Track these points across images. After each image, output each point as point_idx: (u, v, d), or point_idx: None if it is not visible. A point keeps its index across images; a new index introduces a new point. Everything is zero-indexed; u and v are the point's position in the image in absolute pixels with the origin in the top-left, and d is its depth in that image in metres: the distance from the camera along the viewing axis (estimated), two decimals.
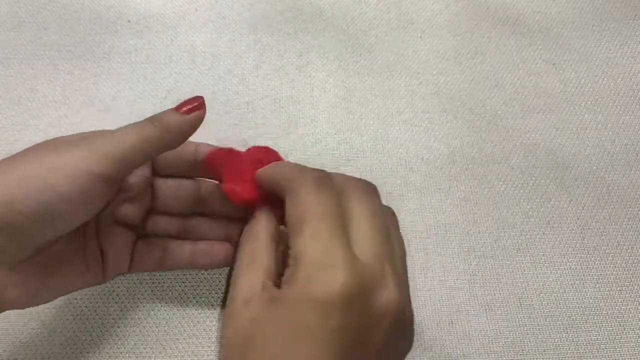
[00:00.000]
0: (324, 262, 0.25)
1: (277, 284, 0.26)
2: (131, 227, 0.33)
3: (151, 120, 0.29)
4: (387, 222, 0.29)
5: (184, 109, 0.30)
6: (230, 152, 0.34)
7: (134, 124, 0.29)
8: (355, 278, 0.25)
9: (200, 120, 0.30)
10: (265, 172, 0.31)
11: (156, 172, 0.34)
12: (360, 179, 0.30)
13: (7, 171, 0.25)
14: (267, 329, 0.24)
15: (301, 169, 0.29)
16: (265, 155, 0.34)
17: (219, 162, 0.33)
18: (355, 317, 0.25)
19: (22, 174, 0.25)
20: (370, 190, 0.30)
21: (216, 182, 0.35)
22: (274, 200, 0.31)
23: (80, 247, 0.30)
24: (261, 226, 0.30)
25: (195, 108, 0.30)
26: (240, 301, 0.26)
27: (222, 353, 0.26)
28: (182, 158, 0.34)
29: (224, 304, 0.38)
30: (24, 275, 0.27)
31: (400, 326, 0.27)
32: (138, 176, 0.32)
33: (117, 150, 0.27)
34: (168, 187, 0.34)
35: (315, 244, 0.25)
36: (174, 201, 0.34)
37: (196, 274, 0.39)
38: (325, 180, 0.28)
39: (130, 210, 0.33)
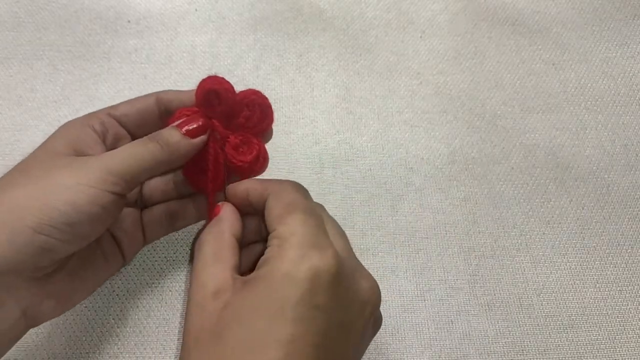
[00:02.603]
0: (316, 244, 0.25)
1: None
2: (132, 203, 0.34)
3: (157, 140, 0.29)
4: (339, 225, 0.31)
5: (187, 128, 0.30)
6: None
7: (142, 142, 0.29)
8: (340, 263, 0.25)
9: (203, 143, 0.31)
10: (240, 187, 0.31)
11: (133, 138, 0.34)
12: (294, 181, 0.31)
13: (27, 193, 0.25)
14: (244, 309, 0.24)
15: (279, 179, 0.31)
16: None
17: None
18: (340, 299, 0.25)
19: (44, 196, 0.25)
20: (307, 191, 0.31)
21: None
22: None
23: (96, 244, 0.31)
24: (227, 225, 0.29)
25: (199, 130, 0.31)
26: (209, 292, 0.26)
27: (187, 340, 0.25)
28: (147, 114, 0.33)
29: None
30: (54, 285, 0.28)
31: (376, 317, 0.28)
32: None
33: (130, 172, 0.27)
34: None
35: (306, 229, 0.26)
36: None
37: None
38: (304, 187, 0.30)
39: None
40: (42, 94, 0.45)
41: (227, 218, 0.30)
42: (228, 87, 0.32)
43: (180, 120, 0.30)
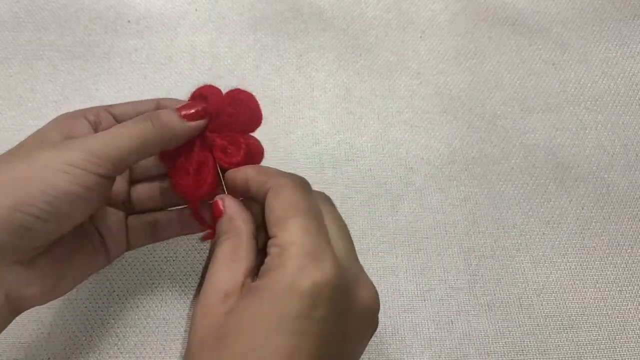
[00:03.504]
0: (316, 255, 0.25)
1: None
2: (119, 204, 0.33)
3: (151, 118, 0.29)
4: (342, 220, 0.30)
5: (186, 112, 0.30)
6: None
7: (132, 121, 0.29)
8: (340, 273, 0.25)
9: (200, 129, 0.31)
10: (239, 173, 0.30)
11: None
12: (296, 175, 0.30)
13: (9, 173, 0.25)
14: (246, 319, 0.24)
15: (281, 171, 0.30)
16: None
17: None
18: (339, 311, 0.25)
19: (25, 175, 0.25)
20: (309, 187, 0.30)
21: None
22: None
23: (84, 234, 0.31)
24: (243, 221, 0.29)
25: (198, 115, 0.30)
26: (220, 293, 0.25)
27: (193, 343, 0.25)
28: (143, 111, 0.32)
29: (197, 293, 0.38)
30: (39, 271, 0.27)
31: (374, 322, 0.28)
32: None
33: (115, 152, 0.27)
34: None
35: (306, 237, 0.25)
36: (150, 161, 0.34)
37: (196, 274, 0.39)
38: (306, 182, 0.29)
39: (114, 187, 0.32)
40: (42, 94, 0.45)
41: (239, 213, 0.29)
42: (214, 90, 0.32)
43: (181, 105, 0.30)
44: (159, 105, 0.32)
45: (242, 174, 0.30)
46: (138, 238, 0.34)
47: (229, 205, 0.29)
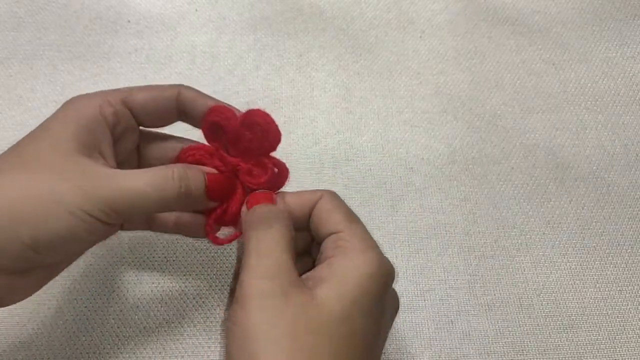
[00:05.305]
0: (378, 248, 0.29)
1: None
2: None
3: (180, 180, 0.28)
4: None
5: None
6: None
7: (161, 180, 0.28)
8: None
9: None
10: (295, 199, 0.32)
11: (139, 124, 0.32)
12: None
13: (26, 199, 0.25)
14: (340, 304, 0.26)
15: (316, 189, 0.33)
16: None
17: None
18: (391, 296, 0.30)
19: (42, 213, 0.25)
20: None
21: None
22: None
23: None
24: (289, 218, 0.30)
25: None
26: (292, 279, 0.27)
27: (273, 336, 0.25)
28: (165, 111, 0.32)
29: (235, 281, 0.38)
30: (26, 279, 0.27)
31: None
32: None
33: (133, 210, 0.27)
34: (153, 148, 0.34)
35: (368, 235, 0.30)
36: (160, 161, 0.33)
37: (196, 274, 0.39)
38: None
39: None
40: (42, 94, 0.45)
41: (281, 207, 0.31)
42: (229, 115, 0.31)
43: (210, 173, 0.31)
44: (180, 94, 0.31)
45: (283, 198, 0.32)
46: (134, 223, 0.34)
47: (280, 203, 0.32)
